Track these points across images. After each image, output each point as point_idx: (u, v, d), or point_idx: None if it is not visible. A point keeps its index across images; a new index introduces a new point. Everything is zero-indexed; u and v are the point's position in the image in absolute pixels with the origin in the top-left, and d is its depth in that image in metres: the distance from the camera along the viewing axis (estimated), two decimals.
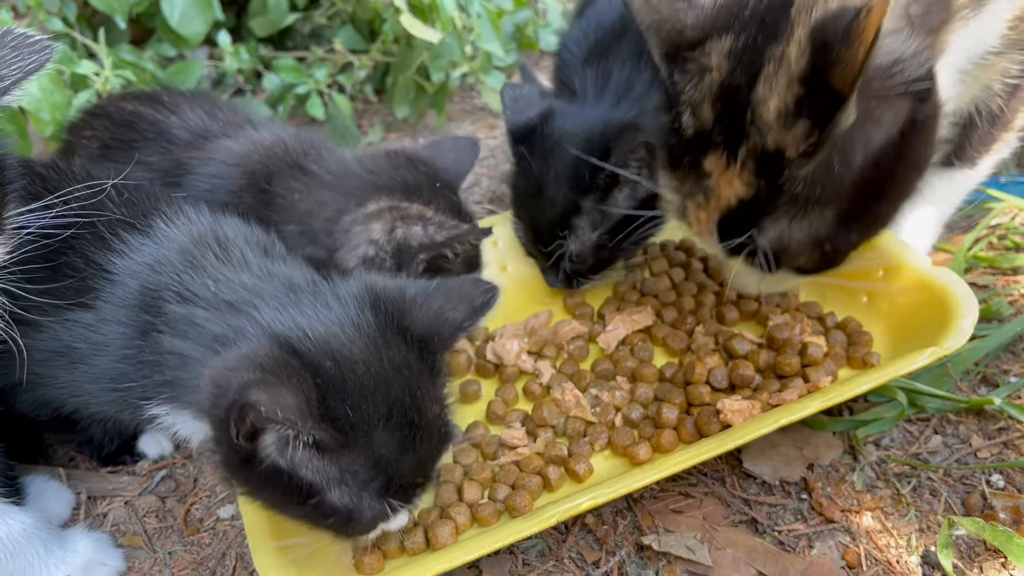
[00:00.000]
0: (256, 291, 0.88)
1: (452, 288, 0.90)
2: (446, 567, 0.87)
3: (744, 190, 0.92)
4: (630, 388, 1.14)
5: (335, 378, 0.78)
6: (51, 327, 0.93)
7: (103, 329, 0.92)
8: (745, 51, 0.89)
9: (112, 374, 0.92)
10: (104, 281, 0.93)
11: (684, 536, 1.01)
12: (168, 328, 0.88)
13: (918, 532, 1.00)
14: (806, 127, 0.85)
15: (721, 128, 0.92)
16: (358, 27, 2.06)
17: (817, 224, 0.92)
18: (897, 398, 1.11)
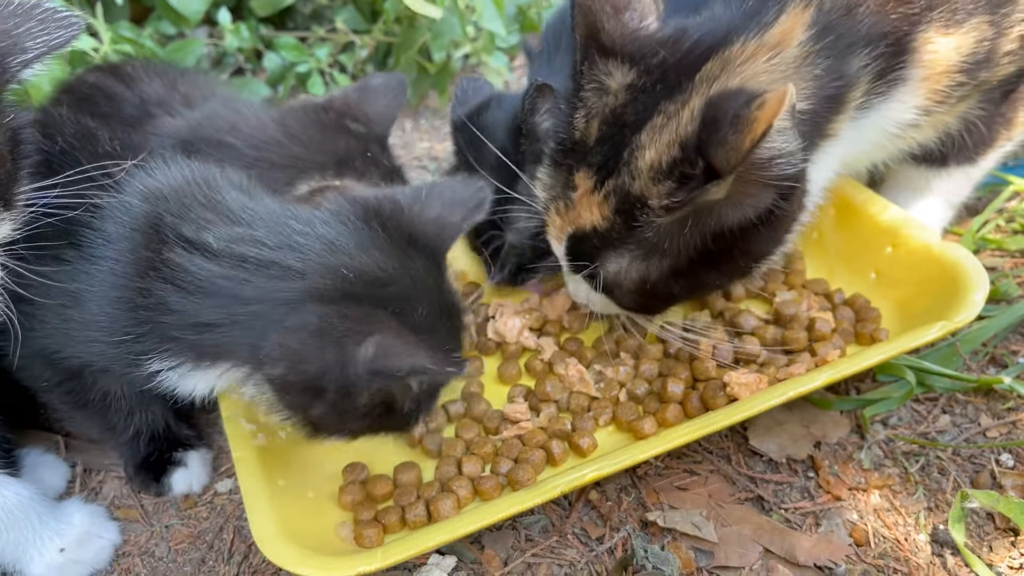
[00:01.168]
0: (272, 241, 0.84)
1: (446, 192, 0.91)
2: (447, 538, 0.86)
3: (600, 221, 0.94)
4: (634, 364, 1.12)
5: (394, 295, 0.81)
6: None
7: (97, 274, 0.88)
8: (643, 92, 0.91)
9: (106, 324, 0.87)
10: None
11: (690, 513, 0.99)
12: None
13: (926, 510, 0.99)
14: (672, 188, 0.87)
15: (600, 151, 0.94)
16: (360, 7, 2.04)
17: (651, 273, 0.96)
18: (905, 377, 1.09)
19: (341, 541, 0.95)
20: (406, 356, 0.75)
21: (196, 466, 1.09)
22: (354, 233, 0.84)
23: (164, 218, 0.84)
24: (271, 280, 0.80)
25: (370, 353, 0.74)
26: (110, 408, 1.01)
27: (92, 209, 0.87)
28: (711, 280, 1.00)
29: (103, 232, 0.86)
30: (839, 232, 1.23)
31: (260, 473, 0.94)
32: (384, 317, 0.79)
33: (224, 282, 0.80)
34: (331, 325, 0.76)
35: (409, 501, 0.97)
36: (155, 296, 0.82)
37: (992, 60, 1.03)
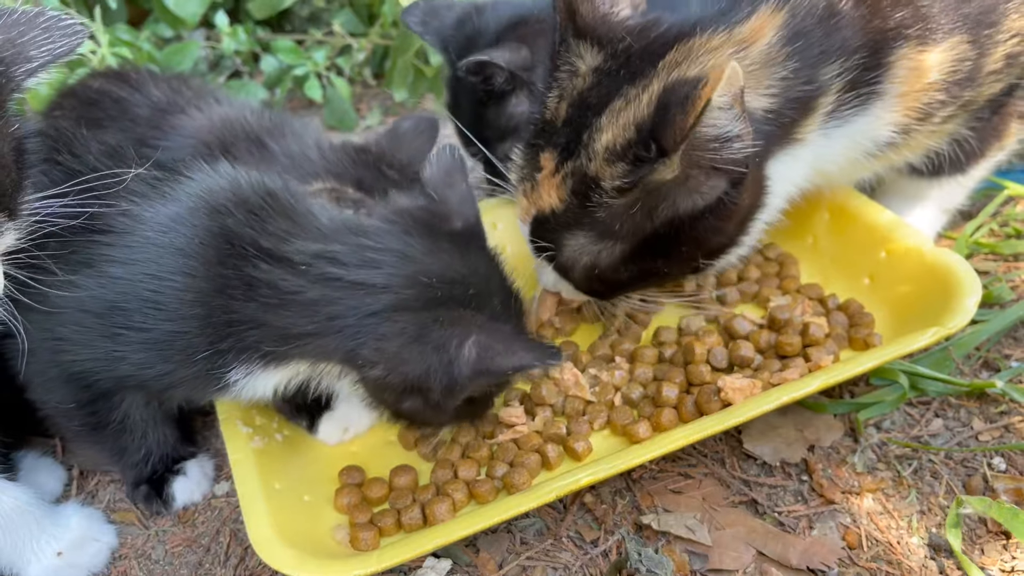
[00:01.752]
0: (350, 258, 0.86)
1: (452, 170, 0.94)
2: (442, 542, 0.87)
3: (557, 204, 0.98)
4: (629, 368, 1.13)
5: (475, 295, 0.85)
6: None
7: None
8: (607, 76, 0.94)
9: (181, 343, 0.87)
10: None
11: (684, 516, 1.00)
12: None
13: (919, 514, 0.99)
14: (625, 169, 0.90)
15: (565, 132, 0.97)
16: (357, 10, 2.05)
17: (603, 257, 0.99)
18: (899, 381, 1.10)
19: (337, 544, 0.95)
20: (508, 355, 0.81)
21: (196, 474, 1.09)
22: (419, 241, 0.86)
23: (238, 231, 0.85)
24: (359, 297, 0.83)
25: (473, 355, 0.80)
26: (125, 431, 1.00)
27: (143, 224, 0.87)
28: (660, 268, 1.02)
29: (166, 248, 0.86)
30: (833, 237, 1.24)
31: (257, 476, 0.95)
32: (473, 316, 0.83)
33: (313, 296, 0.83)
34: (428, 330, 0.81)
35: (405, 504, 0.97)
36: (237, 312, 0.84)
37: (975, 79, 1.04)
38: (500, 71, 1.22)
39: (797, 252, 1.27)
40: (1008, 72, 1.06)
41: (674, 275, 1.08)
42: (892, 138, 1.06)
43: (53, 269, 0.86)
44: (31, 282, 0.83)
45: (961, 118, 1.10)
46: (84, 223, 0.87)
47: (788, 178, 1.04)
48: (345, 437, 1.09)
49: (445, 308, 0.83)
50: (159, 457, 1.06)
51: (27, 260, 0.82)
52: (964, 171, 1.19)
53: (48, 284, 0.87)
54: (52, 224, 0.82)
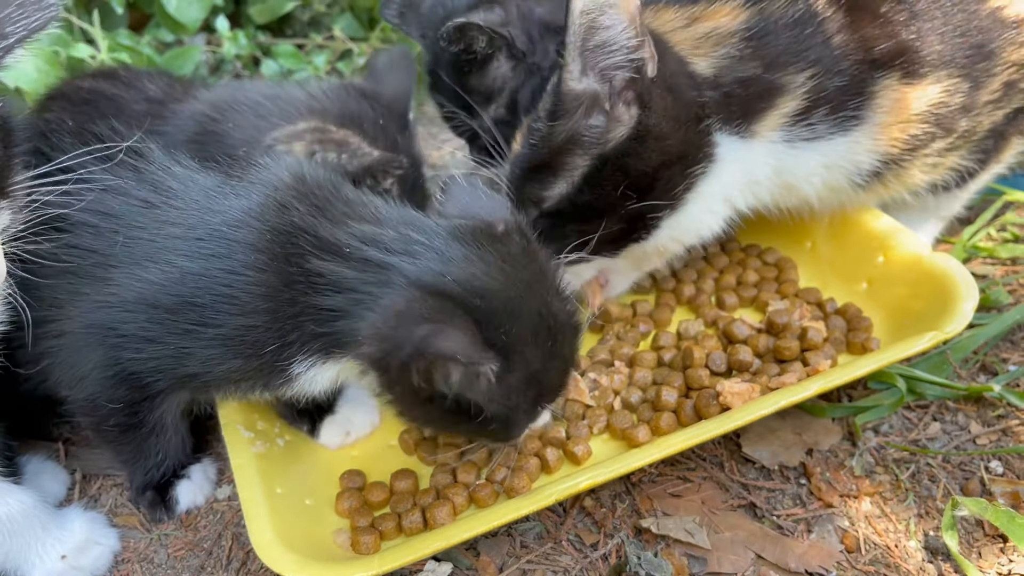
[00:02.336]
0: (391, 242, 0.87)
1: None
2: (442, 545, 0.87)
3: (518, 148, 1.08)
4: (628, 372, 1.14)
5: (484, 311, 0.82)
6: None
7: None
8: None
9: (251, 337, 0.88)
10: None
11: (683, 519, 1.00)
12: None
13: (917, 517, 1.00)
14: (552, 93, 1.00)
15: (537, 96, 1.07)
16: (357, 14, 2.05)
17: (546, 192, 1.05)
18: (896, 385, 1.10)
19: (338, 548, 0.96)
20: (453, 342, 0.77)
21: (199, 478, 1.09)
22: (461, 245, 0.85)
23: (301, 225, 0.86)
24: (387, 275, 0.83)
25: (424, 331, 0.77)
26: (154, 433, 1.00)
27: (216, 218, 0.89)
28: (596, 207, 1.04)
29: (239, 243, 0.87)
30: (831, 242, 1.24)
31: (258, 480, 0.95)
32: (464, 316, 0.80)
33: (350, 276, 0.84)
34: (413, 308, 0.80)
35: (405, 508, 0.98)
36: (300, 303, 0.85)
37: (971, 110, 1.05)
38: (480, 32, 1.23)
39: (795, 256, 1.28)
40: (1008, 100, 1.07)
41: (612, 218, 1.05)
42: (876, 167, 1.07)
43: (113, 262, 0.88)
44: (85, 275, 0.83)
45: (964, 149, 1.11)
46: (149, 219, 0.89)
47: (745, 169, 1.06)
48: (346, 441, 1.10)
49: (445, 300, 0.81)
50: (172, 462, 1.06)
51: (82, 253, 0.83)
52: (963, 185, 1.19)
53: (109, 278, 0.88)
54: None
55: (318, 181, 0.91)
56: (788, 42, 1.00)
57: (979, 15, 1.02)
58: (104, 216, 0.91)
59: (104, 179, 0.93)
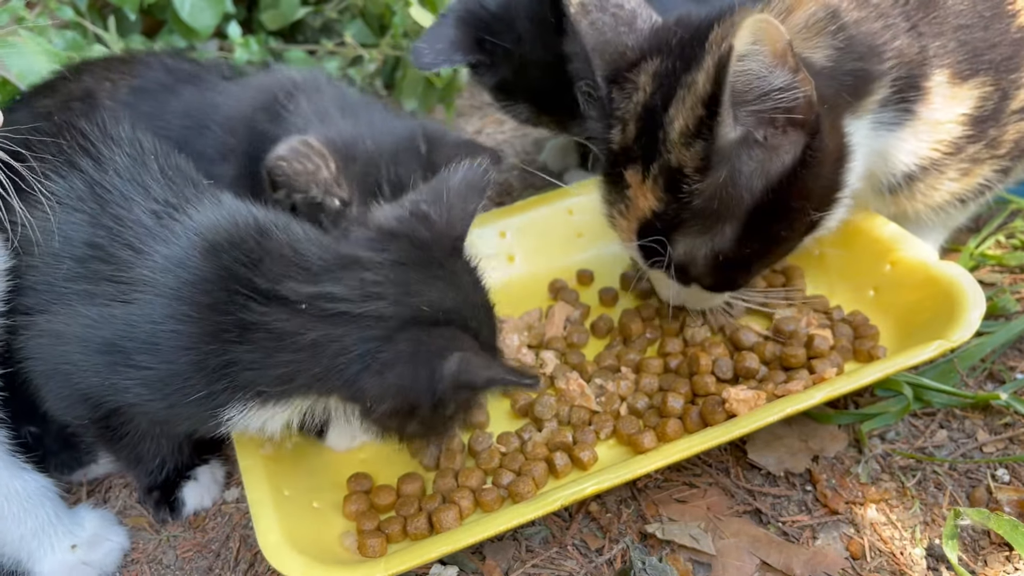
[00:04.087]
0: (349, 295, 0.84)
1: (459, 183, 0.92)
2: (448, 549, 0.88)
3: (655, 203, 1.00)
4: (635, 378, 1.14)
5: (468, 320, 0.86)
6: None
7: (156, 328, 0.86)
8: (666, 75, 0.99)
9: (176, 384, 0.86)
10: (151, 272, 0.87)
11: (688, 525, 1.01)
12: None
13: (922, 525, 1.00)
14: (701, 146, 0.93)
15: (640, 145, 1.00)
16: (368, 21, 2.06)
17: (718, 240, 1.00)
18: (903, 392, 1.11)
19: (345, 551, 0.96)
20: (484, 369, 0.81)
21: (207, 480, 1.10)
22: (416, 271, 0.85)
23: (233, 272, 0.84)
24: (364, 328, 0.82)
25: (454, 368, 0.79)
26: (140, 441, 1.01)
27: (143, 263, 0.87)
28: (778, 233, 1.02)
29: (162, 290, 0.85)
30: (839, 249, 1.24)
31: (266, 482, 0.96)
32: (463, 335, 0.84)
33: (313, 335, 0.82)
34: (421, 346, 0.81)
35: (411, 512, 0.99)
36: (231, 354, 0.83)
37: (999, 118, 1.07)
38: None
39: (803, 264, 1.28)
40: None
41: (795, 236, 1.05)
42: (912, 171, 1.08)
43: (63, 294, 0.88)
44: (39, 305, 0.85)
45: (990, 162, 1.12)
46: (91, 248, 0.89)
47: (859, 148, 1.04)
48: (354, 444, 1.10)
49: (438, 327, 0.83)
50: (174, 465, 1.07)
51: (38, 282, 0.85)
52: (978, 199, 1.19)
53: (56, 311, 0.89)
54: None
55: (248, 224, 0.88)
56: (872, 28, 1.00)
57: (1010, 29, 1.05)
58: (60, 236, 0.91)
59: (58, 193, 0.93)
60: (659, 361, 1.16)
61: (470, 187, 0.92)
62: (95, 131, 0.98)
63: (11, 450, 0.97)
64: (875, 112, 1.03)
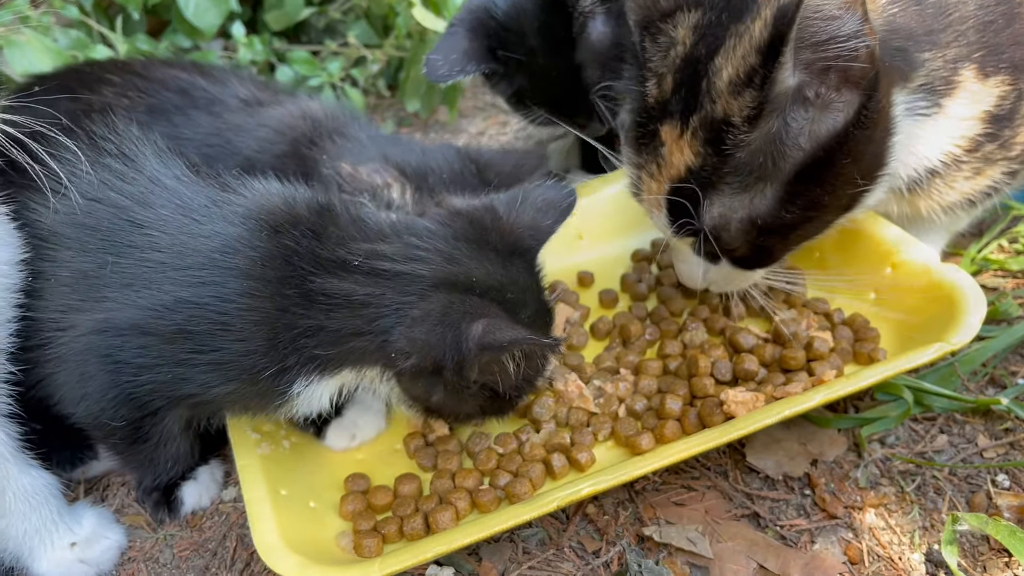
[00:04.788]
0: (397, 253, 0.90)
1: (539, 197, 0.98)
2: (444, 550, 0.87)
3: (693, 158, 0.96)
4: (634, 380, 1.14)
5: (508, 303, 0.90)
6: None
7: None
8: (710, 27, 0.95)
9: (248, 361, 0.88)
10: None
11: (685, 528, 1.00)
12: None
13: (921, 530, 0.99)
14: (752, 96, 0.90)
15: (679, 98, 0.97)
16: (372, 22, 2.07)
17: (757, 202, 0.96)
18: (903, 396, 1.10)
19: (341, 550, 0.96)
20: (509, 330, 0.84)
21: (206, 479, 1.10)
22: (466, 246, 0.91)
23: (296, 248, 0.88)
24: (402, 285, 0.87)
25: (480, 329, 0.83)
26: (162, 445, 1.01)
27: (208, 245, 0.89)
28: (822, 200, 0.98)
29: (232, 270, 0.88)
30: (840, 252, 1.24)
31: (263, 482, 0.96)
32: (495, 307, 0.88)
33: (362, 293, 0.87)
34: (452, 309, 0.86)
35: (407, 512, 0.98)
36: (299, 327, 0.87)
37: (1013, 119, 1.06)
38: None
39: (804, 266, 1.27)
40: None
41: (836, 207, 1.01)
42: (935, 166, 1.06)
43: (107, 292, 0.89)
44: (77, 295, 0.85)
45: (1001, 164, 1.11)
46: (144, 241, 0.90)
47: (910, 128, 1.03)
48: (352, 444, 1.10)
49: (473, 295, 0.88)
50: (181, 467, 1.07)
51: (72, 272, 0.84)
52: (984, 203, 1.19)
53: (109, 310, 0.89)
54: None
55: (309, 203, 0.93)
56: (922, 14, 0.99)
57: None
58: (92, 231, 0.92)
59: (91, 188, 0.93)
60: (658, 363, 1.15)
61: (550, 204, 0.98)
62: (118, 132, 1.00)
63: (21, 447, 0.97)
64: (910, 99, 1.00)
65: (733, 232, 1.00)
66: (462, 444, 1.08)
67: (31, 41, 1.47)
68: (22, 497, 0.96)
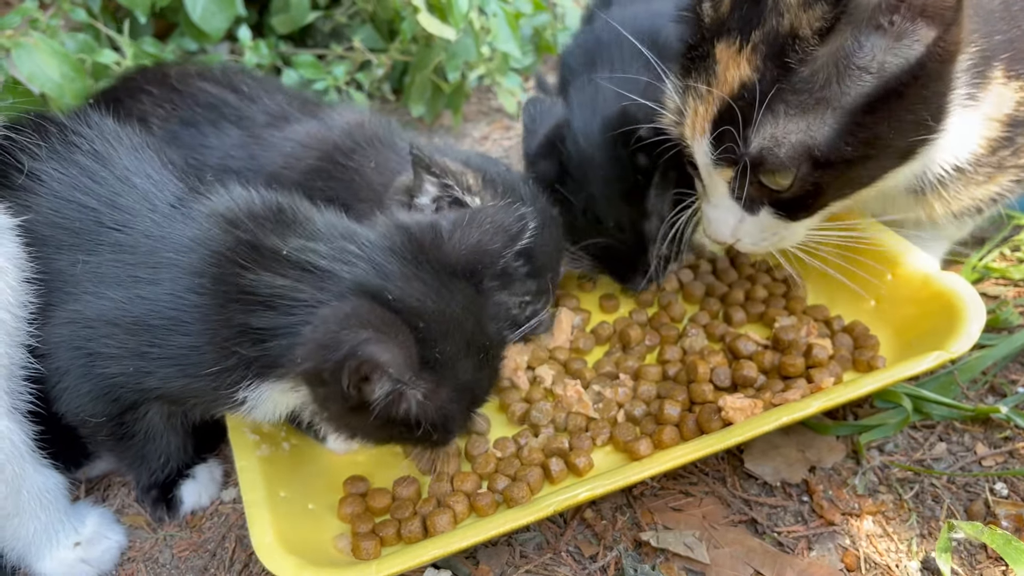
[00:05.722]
0: (328, 253, 0.87)
1: (487, 219, 0.92)
2: (441, 553, 0.88)
3: (750, 74, 0.92)
4: (633, 385, 1.14)
5: (425, 329, 0.84)
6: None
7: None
8: None
9: (194, 358, 0.88)
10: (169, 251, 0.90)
11: (683, 534, 1.00)
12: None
13: (919, 538, 0.99)
14: (824, 8, 0.87)
15: (739, 15, 0.94)
16: (378, 26, 2.07)
17: (815, 129, 0.91)
18: (902, 404, 1.10)
19: (339, 552, 0.97)
20: (385, 352, 0.76)
21: (205, 478, 1.11)
22: (399, 261, 0.87)
23: (243, 242, 0.88)
24: (321, 283, 0.84)
25: (365, 335, 0.76)
26: (149, 440, 1.02)
27: (166, 245, 0.90)
28: (886, 137, 0.93)
29: (184, 268, 0.89)
30: (841, 259, 1.24)
31: (262, 483, 0.97)
32: (407, 334, 0.81)
33: (281, 288, 0.84)
34: (357, 313, 0.79)
35: (405, 515, 0.99)
36: (235, 324, 0.85)
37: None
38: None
39: (804, 273, 1.27)
40: None
41: (898, 149, 0.96)
42: (961, 164, 1.04)
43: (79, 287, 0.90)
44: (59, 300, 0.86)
45: (1012, 171, 1.10)
46: (112, 239, 0.91)
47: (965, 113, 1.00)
48: (353, 446, 1.11)
49: (389, 311, 0.82)
50: (176, 463, 1.08)
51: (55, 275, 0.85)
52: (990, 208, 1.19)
53: (81, 302, 0.91)
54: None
55: (265, 203, 0.92)
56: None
57: None
58: (65, 231, 0.94)
59: (63, 186, 0.95)
60: (658, 368, 1.16)
61: (498, 227, 0.92)
62: (92, 127, 1.01)
63: (35, 447, 0.97)
64: (960, 77, 0.97)
65: (783, 159, 0.93)
66: (460, 448, 1.09)
67: (39, 44, 1.48)
68: (36, 496, 0.97)
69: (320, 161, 1.17)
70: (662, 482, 1.08)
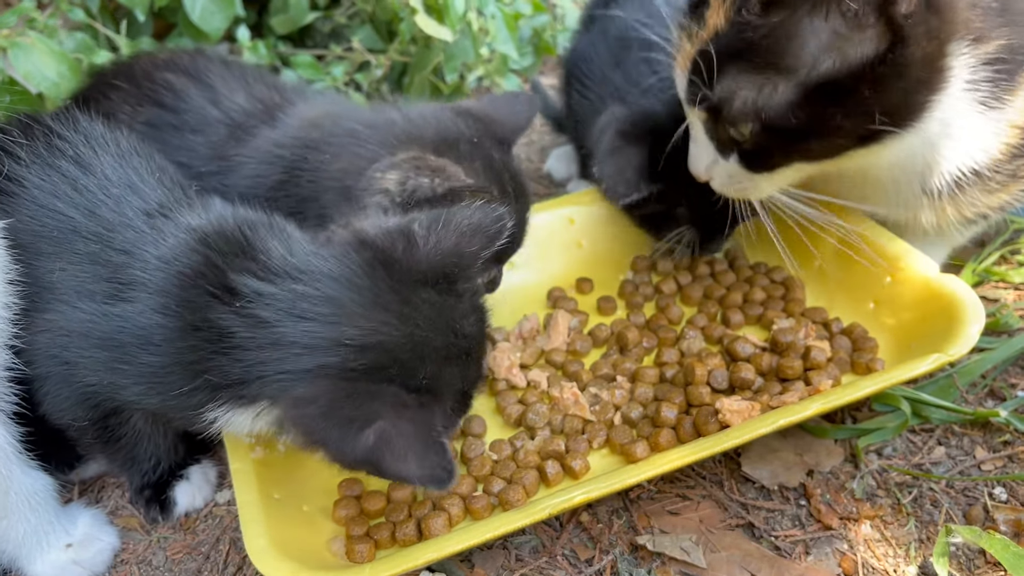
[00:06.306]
0: (281, 302, 0.84)
1: (464, 220, 0.89)
2: (436, 556, 0.87)
3: (723, 23, 0.96)
4: (630, 387, 1.13)
5: (401, 368, 0.82)
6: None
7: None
8: None
9: (162, 377, 0.88)
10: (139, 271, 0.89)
11: (679, 537, 1.00)
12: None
13: (917, 542, 0.99)
14: None
15: None
16: (377, 27, 2.07)
17: (766, 93, 0.95)
18: (901, 407, 1.09)
19: (333, 555, 0.96)
20: (398, 461, 0.79)
21: (199, 479, 1.10)
22: (362, 291, 0.84)
23: (210, 270, 0.86)
24: (282, 352, 0.81)
25: (370, 443, 0.78)
26: (136, 443, 1.02)
27: (137, 263, 0.89)
28: (832, 119, 0.94)
29: (152, 288, 0.87)
30: (840, 261, 1.23)
31: (256, 486, 0.96)
32: (387, 396, 0.80)
33: (242, 337, 0.82)
34: (338, 406, 0.79)
35: (400, 518, 0.98)
36: (200, 352, 0.84)
37: None
38: None
39: (803, 275, 1.27)
40: None
41: (850, 134, 0.97)
42: (979, 168, 1.04)
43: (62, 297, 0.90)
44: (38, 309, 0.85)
45: (1022, 182, 1.10)
46: (88, 250, 0.91)
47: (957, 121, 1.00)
48: None
49: (364, 381, 0.81)
50: (167, 464, 1.07)
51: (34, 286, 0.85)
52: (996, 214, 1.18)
53: (57, 311, 0.90)
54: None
55: (237, 224, 0.90)
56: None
57: None
58: (44, 239, 0.93)
59: (43, 192, 0.94)
60: (655, 371, 1.15)
61: (475, 228, 0.89)
62: (78, 130, 1.00)
63: (23, 448, 0.97)
64: (978, 76, 0.97)
65: (735, 113, 0.98)
66: (456, 450, 1.08)
67: (36, 44, 1.48)
68: (24, 498, 0.96)
69: (283, 174, 1.13)
70: (659, 485, 1.07)
